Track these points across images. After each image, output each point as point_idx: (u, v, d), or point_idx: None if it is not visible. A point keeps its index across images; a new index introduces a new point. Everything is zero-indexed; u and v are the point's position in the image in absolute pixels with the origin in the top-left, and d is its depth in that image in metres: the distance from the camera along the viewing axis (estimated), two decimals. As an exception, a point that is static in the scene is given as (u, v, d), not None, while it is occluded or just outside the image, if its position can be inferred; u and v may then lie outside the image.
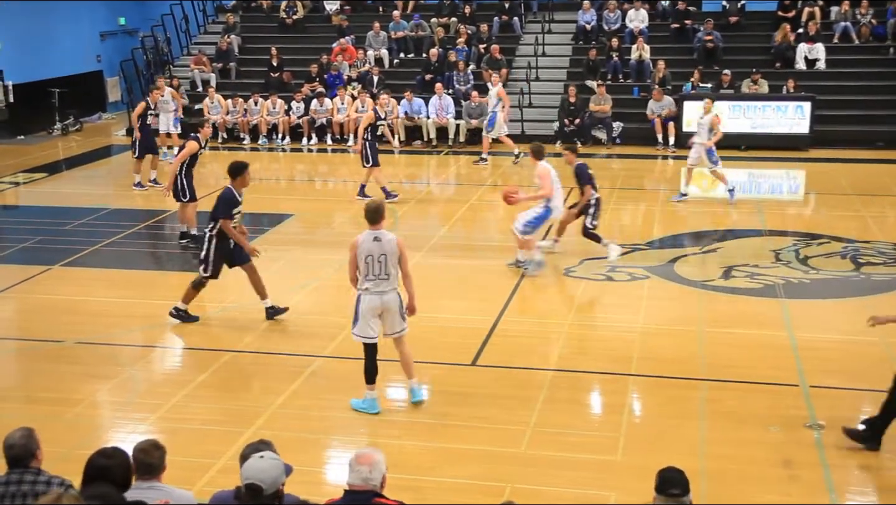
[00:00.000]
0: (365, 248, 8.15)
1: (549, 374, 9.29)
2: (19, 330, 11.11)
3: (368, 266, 8.15)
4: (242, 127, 22.14)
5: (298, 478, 5.21)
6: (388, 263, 8.17)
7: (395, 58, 23.99)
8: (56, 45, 24.07)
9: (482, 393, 8.91)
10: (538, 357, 9.72)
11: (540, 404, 8.62)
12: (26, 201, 17.12)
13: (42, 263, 13.08)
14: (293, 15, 25.28)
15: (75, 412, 8.66)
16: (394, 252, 8.20)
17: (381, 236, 8.19)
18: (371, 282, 8.20)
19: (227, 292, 12.09)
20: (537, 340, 10.28)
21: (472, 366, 9.56)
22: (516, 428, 8.18)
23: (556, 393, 8.89)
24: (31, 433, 5.35)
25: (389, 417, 8.60)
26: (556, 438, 8.00)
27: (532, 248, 12.44)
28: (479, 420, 8.35)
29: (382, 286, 8.21)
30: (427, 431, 8.25)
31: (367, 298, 8.24)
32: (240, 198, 10.45)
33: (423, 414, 8.73)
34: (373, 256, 8.14)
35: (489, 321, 10.65)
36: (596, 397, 9.08)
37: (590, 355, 9.89)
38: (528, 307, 11.29)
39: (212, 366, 9.59)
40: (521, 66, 23.13)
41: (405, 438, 8.08)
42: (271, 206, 16.23)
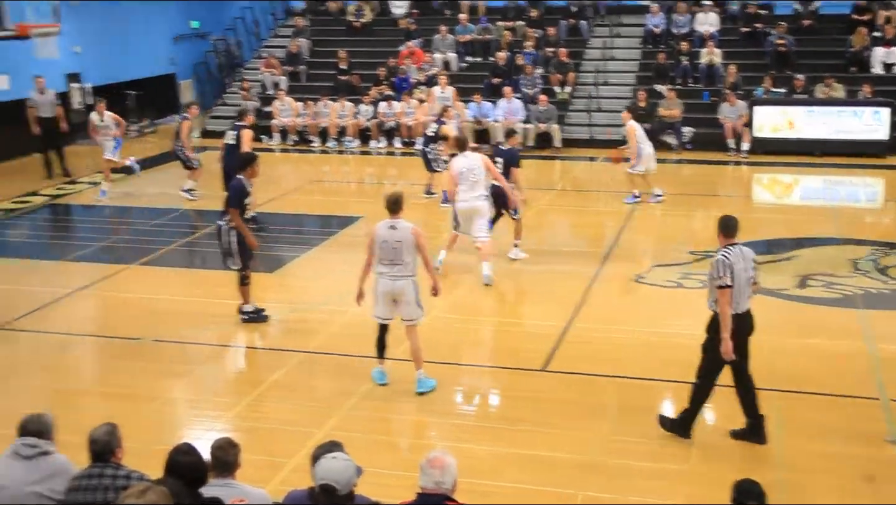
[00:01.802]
0: (381, 235, 8.69)
1: (620, 381, 9.22)
2: (98, 327, 11.35)
3: (383, 252, 8.67)
4: (312, 129, 22.36)
5: (369, 480, 5.25)
6: (403, 250, 8.64)
7: (462, 61, 24.03)
8: (131, 48, 24.56)
9: (552, 398, 8.88)
10: (609, 364, 9.63)
11: (611, 411, 8.55)
12: (106, 201, 17.50)
13: (120, 261, 13.36)
14: (361, 18, 25.46)
15: (151, 409, 8.82)
16: (409, 240, 8.65)
17: (397, 225, 8.69)
18: (385, 266, 8.71)
19: (299, 294, 12.25)
20: (608, 347, 10.20)
21: (542, 371, 9.52)
22: (586, 435, 8.13)
23: (627, 400, 8.81)
24: (114, 429, 5.48)
25: (459, 421, 8.61)
26: (627, 445, 7.93)
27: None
28: (549, 426, 8.32)
29: (395, 271, 8.69)
30: (497, 435, 8.23)
31: (382, 281, 8.78)
32: (249, 188, 10.58)
33: (493, 419, 8.74)
34: (388, 243, 8.66)
35: (559, 326, 10.59)
36: (667, 405, 8.98)
37: (661, 363, 9.76)
38: (598, 313, 11.21)
39: (285, 366, 9.70)
40: (589, 70, 22.99)
41: (475, 442, 8.07)
42: (340, 208, 16.38)
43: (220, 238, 10.69)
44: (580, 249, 14.27)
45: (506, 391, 9.22)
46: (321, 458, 5.04)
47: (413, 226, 8.86)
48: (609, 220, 15.49)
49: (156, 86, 25.30)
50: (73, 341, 10.78)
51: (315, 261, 13.55)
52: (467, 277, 12.38)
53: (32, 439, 5.61)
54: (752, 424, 7.91)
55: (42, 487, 5.51)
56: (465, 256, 13.17)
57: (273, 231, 14.93)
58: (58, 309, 11.62)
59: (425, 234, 9.08)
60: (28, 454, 5.55)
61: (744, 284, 7.58)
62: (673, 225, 15.24)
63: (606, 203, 16.65)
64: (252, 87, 23.91)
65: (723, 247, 7.68)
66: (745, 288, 7.61)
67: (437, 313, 11.02)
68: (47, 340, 10.72)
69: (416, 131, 21.64)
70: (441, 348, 9.92)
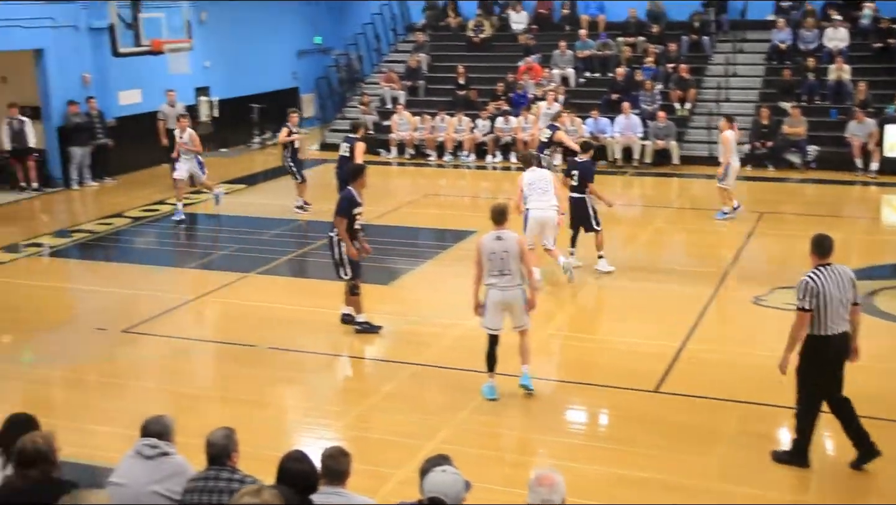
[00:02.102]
0: (488, 247, 8.83)
1: (738, 405, 8.98)
2: (218, 333, 11.68)
3: (492, 263, 8.80)
4: (429, 143, 22.56)
5: (477, 495, 5.23)
6: (510, 259, 8.76)
7: (580, 77, 23.91)
8: (257, 63, 25.25)
9: (665, 421, 8.71)
10: (725, 387, 9.39)
11: (727, 437, 8.34)
12: (227, 211, 18.01)
13: (240, 269, 13.72)
14: (480, 34, 25.59)
15: (265, 415, 9.01)
16: (514, 250, 8.78)
17: (502, 235, 8.84)
18: (495, 277, 8.83)
19: (412, 306, 12.35)
20: (724, 369, 9.95)
21: (655, 392, 9.35)
22: (700, 459, 7.94)
23: (745, 426, 8.58)
24: (232, 434, 5.61)
25: (569, 440, 8.54)
26: (744, 473, 7.70)
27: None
28: (661, 448, 8.16)
29: (504, 281, 8.81)
30: (607, 456, 8.12)
31: (492, 293, 8.90)
32: (359, 199, 10.75)
33: (603, 439, 8.64)
34: (495, 254, 8.79)
35: (674, 347, 10.40)
36: (786, 433, 8.69)
37: (780, 389, 9.45)
38: (714, 334, 10.96)
39: (396, 377, 9.79)
40: (711, 86, 22.56)
41: (584, 462, 7.98)
42: (455, 222, 16.45)
43: (332, 249, 10.88)
44: (697, 269, 13.99)
45: (617, 411, 9.09)
46: (430, 471, 5.05)
47: (518, 236, 9.06)
48: (728, 240, 15.14)
49: (279, 99, 25.91)
50: (192, 346, 11.13)
51: (429, 274, 13.65)
52: (580, 292, 12.27)
53: (153, 440, 5.79)
54: (863, 451, 7.62)
55: (161, 486, 5.69)
56: (580, 273, 13.07)
57: (388, 244, 15.10)
58: (179, 314, 12.01)
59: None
60: (149, 454, 5.74)
61: (836, 306, 7.38)
62: (796, 246, 14.76)
63: (725, 222, 16.26)
64: (371, 101, 24.29)
65: (814, 267, 7.51)
66: (839, 309, 7.41)
67: (550, 330, 10.97)
68: (169, 344, 11.08)
69: (532, 146, 21.60)
70: (552, 365, 9.86)
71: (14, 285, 13.42)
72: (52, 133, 19.66)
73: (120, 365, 10.54)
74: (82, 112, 19.65)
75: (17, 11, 18.50)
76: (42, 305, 12.46)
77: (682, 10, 24.29)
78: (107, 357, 10.61)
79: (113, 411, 9.14)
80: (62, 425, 8.15)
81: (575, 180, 13.02)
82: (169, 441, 5.86)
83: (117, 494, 5.58)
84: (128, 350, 10.96)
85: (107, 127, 20.20)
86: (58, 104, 19.56)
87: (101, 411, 9.21)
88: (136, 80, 21.10)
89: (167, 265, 14.26)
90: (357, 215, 10.80)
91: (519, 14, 25.80)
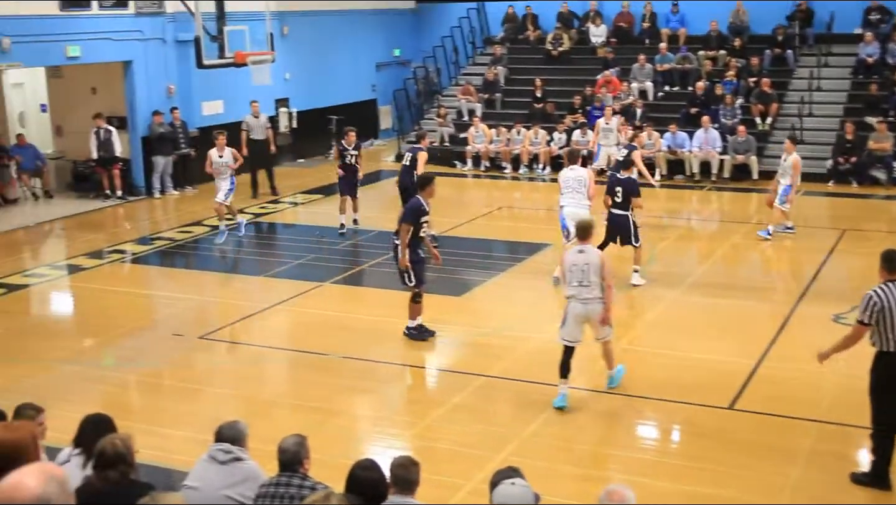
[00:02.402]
0: (571, 260, 9.13)
1: (815, 425, 8.79)
2: (291, 341, 11.83)
3: (572, 275, 9.06)
4: (504, 156, 22.57)
5: (546, 508, 5.21)
6: (591, 272, 8.99)
7: (659, 90, 23.68)
8: (336, 75, 25.57)
9: (739, 438, 8.56)
10: (803, 406, 9.20)
11: (803, 457, 8.16)
12: (303, 220, 18.27)
13: (314, 279, 13.88)
14: (559, 47, 25.53)
15: (337, 423, 9.10)
16: (596, 263, 9.02)
17: (585, 249, 9.11)
18: (575, 289, 9.07)
19: (484, 318, 12.35)
20: (801, 387, 9.74)
21: (730, 409, 9.20)
22: (775, 479, 7.79)
23: (822, 446, 8.39)
24: (304, 441, 5.67)
25: (641, 456, 8.44)
26: (820, 494, 7.53)
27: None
28: (735, 466, 8.02)
29: (584, 294, 9.04)
30: (679, 472, 8.02)
31: (573, 304, 9.10)
32: (427, 207, 10.84)
33: (675, 455, 8.53)
34: (577, 266, 9.05)
35: (749, 364, 10.22)
36: (865, 455, 8.47)
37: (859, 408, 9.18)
38: (792, 352, 10.72)
39: (466, 388, 9.79)
40: (794, 100, 22.14)
41: (655, 478, 7.88)
42: (529, 235, 16.41)
43: (397, 257, 11.00)
44: (775, 285, 13.76)
45: (690, 427, 8.97)
46: (500, 483, 5.05)
47: (600, 252, 9.44)
48: (807, 256, 14.83)
49: (357, 111, 26.21)
50: (266, 353, 11.29)
51: (501, 286, 13.63)
52: (655, 307, 12.14)
53: (227, 445, 5.89)
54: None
55: (233, 491, 5.78)
56: (656, 287, 12.95)
57: (461, 255, 15.15)
58: (254, 322, 12.20)
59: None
60: (222, 459, 5.83)
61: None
62: (878, 264, 14.42)
63: (805, 238, 15.95)
64: (448, 113, 24.40)
65: (882, 282, 7.46)
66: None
67: (624, 345, 10.86)
68: (244, 350, 11.27)
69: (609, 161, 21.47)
70: (625, 380, 9.76)
71: (97, 291, 13.79)
72: (136, 143, 20.18)
73: (196, 370, 10.76)
74: (166, 122, 20.13)
75: (109, 25, 19.08)
76: (123, 311, 12.77)
77: (766, 23, 23.91)
78: (183, 362, 10.84)
79: (188, 416, 9.33)
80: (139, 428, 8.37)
81: (619, 197, 13.06)
82: (242, 447, 5.95)
83: (190, 497, 5.68)
84: (204, 356, 11.18)
85: (189, 137, 20.66)
86: (143, 114, 20.07)
87: (176, 415, 9.41)
88: (218, 91, 21.55)
89: (243, 273, 14.51)
90: (424, 224, 10.92)
91: (598, 27, 25.68)
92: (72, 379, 10.31)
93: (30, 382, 10.16)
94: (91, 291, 13.86)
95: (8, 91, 21.97)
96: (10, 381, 10.29)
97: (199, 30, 17.96)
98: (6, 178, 19.69)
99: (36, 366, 10.78)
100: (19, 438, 3.88)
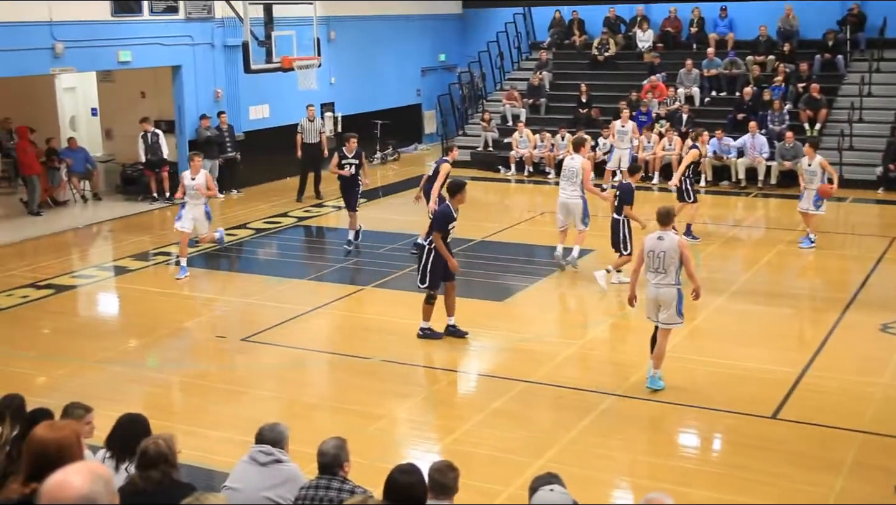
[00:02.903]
0: (649, 245, 9.49)
1: (860, 436, 8.65)
2: (333, 344, 11.89)
3: (650, 260, 9.44)
4: (549, 161, 22.50)
5: (585, 516, 5.19)
6: (667, 259, 9.32)
7: (706, 96, 23.48)
8: (381, 79, 25.68)
9: (781, 448, 8.46)
10: (848, 416, 9.06)
11: (847, 468, 8.04)
12: (345, 225, 18.36)
13: (356, 282, 13.96)
14: (605, 52, 25.43)
15: (377, 427, 9.13)
16: (674, 250, 9.32)
17: (664, 236, 9.44)
18: (651, 274, 9.47)
19: (525, 323, 12.33)
20: (846, 398, 9.60)
21: (773, 418, 9.10)
22: (817, 490, 7.69)
23: (866, 458, 8.25)
24: (344, 444, 5.70)
25: (680, 464, 8.37)
26: (863, 506, 7.43)
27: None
28: (776, 476, 7.93)
29: (658, 279, 9.40)
30: (718, 481, 7.94)
31: (649, 288, 9.58)
32: (455, 214, 11.03)
33: (715, 464, 8.45)
34: (654, 252, 9.41)
35: (794, 373, 10.09)
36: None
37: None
38: (837, 362, 10.57)
39: (506, 394, 9.78)
40: (844, 106, 21.81)
41: (694, 487, 7.82)
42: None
43: (423, 256, 11.24)
44: (822, 294, 13.58)
45: (731, 436, 8.88)
46: (539, 489, 5.05)
47: (680, 238, 9.62)
48: (855, 265, 14.63)
49: (402, 115, 26.30)
50: (308, 356, 11.37)
51: (543, 292, 13.60)
52: (699, 316, 12.04)
53: (268, 447, 5.94)
54: None
55: (273, 492, 5.83)
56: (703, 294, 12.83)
57: (503, 260, 15.14)
58: (297, 325, 12.27)
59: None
60: (263, 461, 5.89)
61: None
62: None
63: (853, 246, 15.74)
64: (492, 118, 24.40)
65: None
66: None
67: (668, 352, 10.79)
68: (286, 353, 11.35)
69: (653, 165, 21.36)
70: (665, 389, 9.69)
71: (142, 292, 13.98)
72: (183, 146, 20.42)
73: (238, 372, 10.86)
74: (213, 126, 20.36)
75: (160, 30, 19.37)
76: (167, 312, 12.92)
77: (816, 27, 23.62)
78: (225, 364, 10.95)
79: (229, 417, 9.42)
80: (181, 429, 8.48)
81: (616, 201, 13.19)
82: (283, 449, 6.00)
83: (231, 498, 5.74)
84: (246, 358, 11.27)
85: (236, 141, 20.87)
86: (191, 118, 20.31)
87: (218, 417, 9.51)
88: (264, 95, 21.76)
89: (287, 276, 14.60)
90: (451, 229, 11.10)
91: (645, 32, 25.53)
92: (116, 379, 10.47)
93: (75, 382, 10.33)
94: (136, 293, 14.05)
95: (60, 95, 22.39)
96: (57, 380, 10.47)
97: (247, 35, 18.13)
98: (56, 181, 20.05)
99: (82, 366, 10.96)
100: (63, 438, 3.93)
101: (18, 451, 5.01)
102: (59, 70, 18.15)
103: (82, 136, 22.23)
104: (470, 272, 14.78)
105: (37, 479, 3.55)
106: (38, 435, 3.96)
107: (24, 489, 3.92)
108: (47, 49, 17.18)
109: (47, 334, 12.34)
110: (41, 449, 3.90)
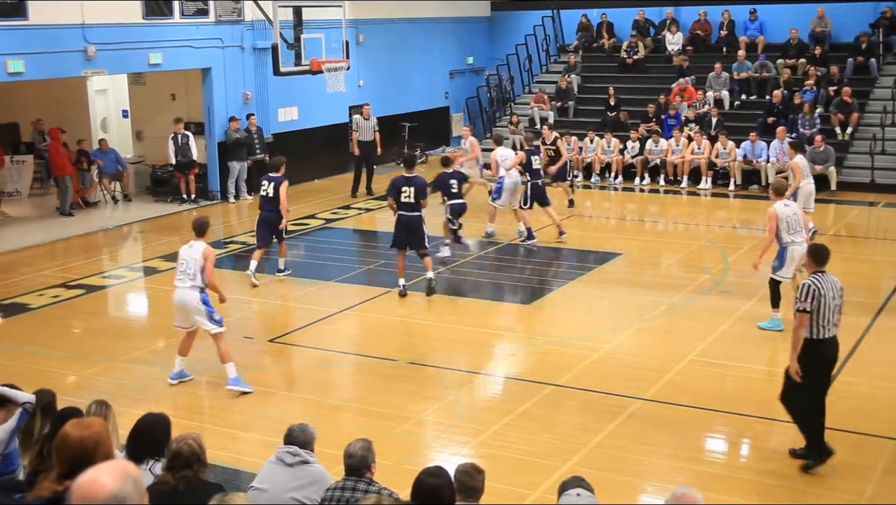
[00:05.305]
0: (783, 213, 11.32)
1: (891, 442, 8.57)
2: (359, 346, 11.90)
3: (790, 225, 11.28)
4: (576, 164, 22.44)
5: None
6: (798, 221, 11.38)
7: (735, 99, 23.34)
8: (409, 82, 25.73)
9: (811, 455, 8.37)
10: (878, 422, 8.98)
11: (878, 474, 7.96)
12: (372, 227, 18.41)
13: (383, 284, 13.97)
14: (634, 55, 25.34)
15: (403, 429, 9.13)
16: (800, 213, 11.64)
17: (788, 203, 11.62)
18: (792, 236, 11.29)
19: (552, 327, 12.30)
20: (875, 404, 9.51)
21: (801, 425, 9.01)
22: (846, 497, 7.63)
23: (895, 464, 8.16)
24: (370, 446, 5.72)
25: (706, 469, 8.32)
26: (894, 514, 7.35)
27: None
28: (802, 482, 7.89)
29: (798, 238, 11.30)
30: (748, 487, 7.89)
31: (793, 248, 11.27)
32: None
33: (744, 469, 8.40)
34: (788, 217, 11.29)
35: (824, 379, 9.99)
36: (943, 474, 8.25)
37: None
38: (867, 368, 10.44)
39: (533, 397, 9.76)
40: (876, 110, 21.62)
41: (724, 492, 7.77)
42: (599, 244, 16.29)
43: (421, 224, 13.18)
44: (852, 299, 13.37)
45: (758, 441, 8.82)
46: (566, 493, 5.04)
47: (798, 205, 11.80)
48: (887, 270, 14.48)
49: (430, 118, 26.32)
50: (335, 358, 11.41)
51: (570, 295, 13.55)
52: (728, 320, 11.97)
53: (295, 448, 5.97)
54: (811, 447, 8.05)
55: (299, 493, 5.86)
56: (729, 298, 12.75)
57: (531, 263, 15.12)
58: (324, 326, 12.31)
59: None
60: (290, 462, 5.92)
61: (831, 312, 7.89)
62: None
63: (885, 251, 15.58)
64: (520, 121, 24.37)
65: (811, 273, 8.07)
66: (833, 316, 7.92)
67: (693, 357, 10.74)
68: (313, 355, 11.39)
69: (681, 170, 21.25)
70: (693, 393, 9.64)
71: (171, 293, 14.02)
72: (213, 148, 20.56)
73: (265, 373, 10.90)
74: (242, 128, 20.46)
75: (190, 32, 19.50)
76: (197, 313, 12.96)
77: (848, 31, 23.43)
78: (253, 365, 10.98)
79: (256, 418, 9.46)
80: (208, 428, 8.54)
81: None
82: (310, 450, 6.03)
83: (258, 498, 5.77)
84: (273, 359, 11.33)
85: (265, 143, 20.97)
86: (220, 120, 20.43)
87: (244, 417, 9.55)
88: (293, 97, 21.85)
89: (313, 278, 14.64)
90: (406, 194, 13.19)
91: (674, 35, 25.42)
92: (146, 379, 10.54)
93: (105, 382, 10.42)
94: (166, 293, 14.06)
95: (92, 97, 22.60)
96: (87, 379, 10.57)
97: (277, 37, 18.23)
98: (87, 182, 20.22)
99: (111, 365, 11.05)
100: (91, 436, 3.96)
101: (49, 449, 5.06)
102: (90, 72, 18.31)
103: (113, 137, 22.41)
104: (498, 276, 14.78)
105: (70, 476, 3.58)
106: (68, 433, 3.99)
107: (58, 487, 3.95)
108: (79, 52, 17.35)
109: (78, 334, 12.45)
110: (75, 446, 3.93)
